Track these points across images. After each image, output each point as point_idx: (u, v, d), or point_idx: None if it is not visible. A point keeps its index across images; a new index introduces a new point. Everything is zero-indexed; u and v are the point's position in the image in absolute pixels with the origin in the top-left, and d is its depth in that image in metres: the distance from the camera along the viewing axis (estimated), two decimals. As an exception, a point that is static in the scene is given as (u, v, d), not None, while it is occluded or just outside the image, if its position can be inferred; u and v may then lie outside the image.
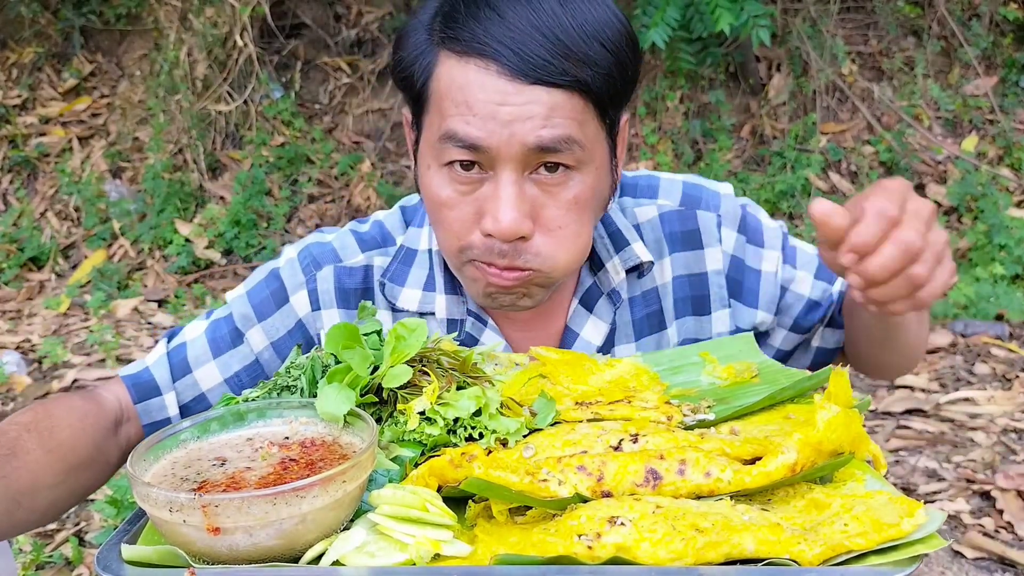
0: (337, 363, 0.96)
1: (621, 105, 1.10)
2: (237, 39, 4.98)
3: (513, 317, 1.23)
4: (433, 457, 0.86)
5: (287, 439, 0.89)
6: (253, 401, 0.97)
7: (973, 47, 5.04)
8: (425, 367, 0.98)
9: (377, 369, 0.96)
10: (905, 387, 3.37)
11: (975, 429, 3.06)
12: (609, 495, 0.82)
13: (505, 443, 0.92)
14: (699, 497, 0.82)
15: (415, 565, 0.76)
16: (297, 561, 0.78)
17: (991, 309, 3.86)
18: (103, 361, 3.76)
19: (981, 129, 4.97)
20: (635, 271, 1.25)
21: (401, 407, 0.94)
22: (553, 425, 0.97)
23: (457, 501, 0.84)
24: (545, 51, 1.01)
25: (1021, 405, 3.19)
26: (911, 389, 3.35)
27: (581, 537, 0.75)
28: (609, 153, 1.12)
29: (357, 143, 5.22)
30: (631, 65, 1.08)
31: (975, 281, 4.07)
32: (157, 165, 4.96)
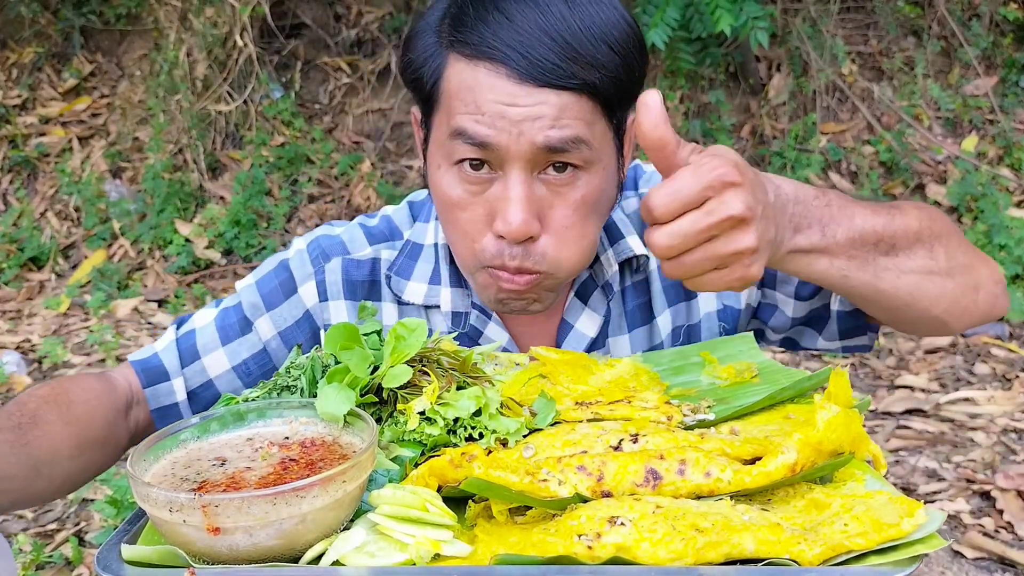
0: (337, 363, 0.96)
1: (628, 106, 1.11)
2: (237, 39, 4.98)
3: None
4: (433, 457, 0.86)
5: (287, 439, 0.89)
6: (253, 401, 0.97)
7: (973, 47, 5.04)
8: (425, 367, 0.98)
9: (377, 369, 0.96)
10: (905, 387, 3.37)
11: (975, 429, 3.06)
12: (609, 495, 0.82)
13: (505, 443, 0.92)
14: (699, 497, 0.82)
15: (415, 565, 0.76)
16: (297, 561, 0.78)
17: (991, 309, 3.85)
18: (103, 361, 3.76)
19: (981, 129, 4.97)
20: (629, 263, 1.27)
21: (401, 407, 0.94)
22: (553, 425, 0.97)
23: (457, 501, 0.84)
24: (554, 54, 1.02)
25: (1021, 405, 3.19)
26: (911, 389, 3.35)
27: (581, 537, 0.75)
28: (616, 153, 1.13)
29: (357, 143, 5.22)
30: (638, 66, 1.09)
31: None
32: (157, 165, 4.96)
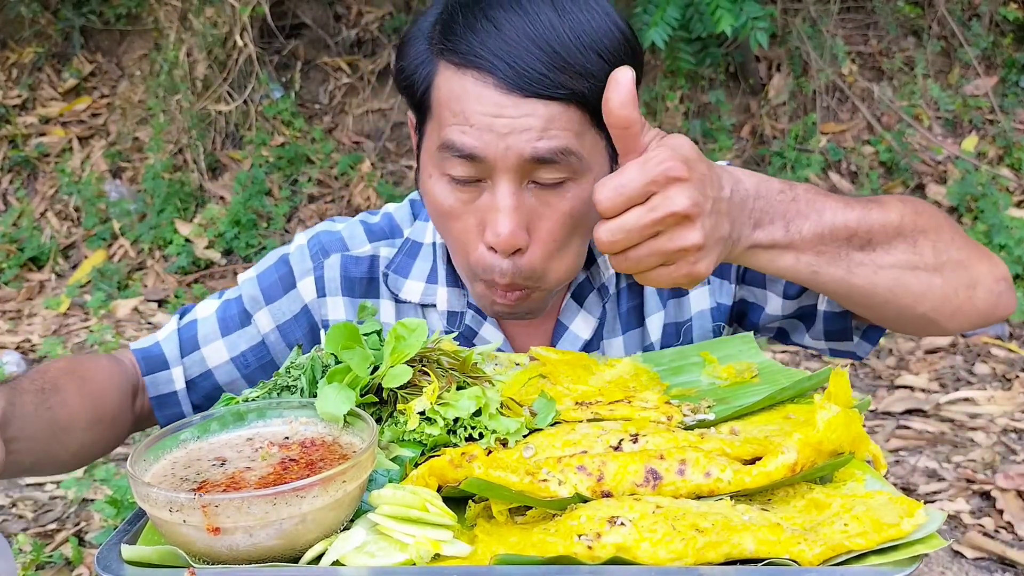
0: (337, 363, 0.96)
1: None
2: (237, 39, 4.98)
3: None
4: (433, 457, 0.86)
5: (287, 439, 0.89)
6: (253, 401, 0.97)
7: (973, 47, 5.04)
8: (425, 367, 0.98)
9: (377, 369, 0.96)
10: (905, 387, 3.37)
11: (975, 429, 3.06)
12: (609, 495, 0.82)
13: (505, 443, 0.92)
14: (699, 497, 0.82)
15: (415, 565, 0.76)
16: (297, 561, 0.78)
17: (991, 309, 3.85)
18: (103, 361, 3.76)
19: (981, 129, 4.97)
20: None
21: (401, 407, 0.94)
22: (553, 425, 0.97)
23: (457, 501, 0.84)
24: (541, 64, 1.00)
25: (1021, 405, 3.19)
26: (911, 389, 3.35)
27: (581, 537, 0.75)
28: (610, 161, 1.11)
29: (357, 143, 5.22)
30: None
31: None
32: (157, 165, 4.96)
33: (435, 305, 1.25)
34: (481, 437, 0.92)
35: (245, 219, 4.73)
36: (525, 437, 0.94)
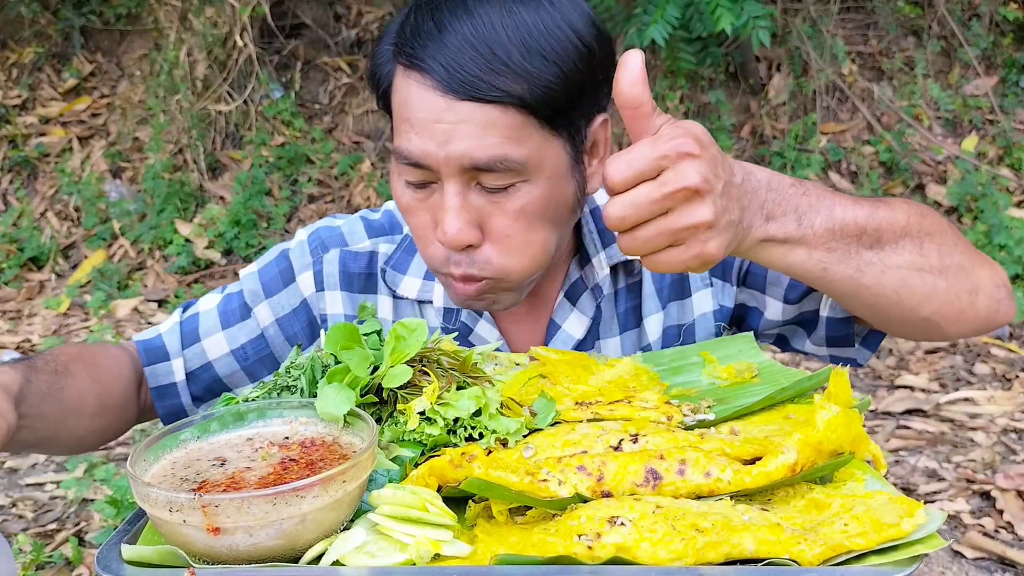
0: (337, 363, 0.96)
1: (577, 114, 1.08)
2: (237, 39, 4.98)
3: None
4: (433, 457, 0.86)
5: (287, 439, 0.89)
6: (253, 401, 0.97)
7: (973, 47, 5.04)
8: (425, 367, 0.98)
9: (377, 369, 0.96)
10: (905, 387, 3.37)
11: (975, 429, 3.06)
12: (609, 495, 0.82)
13: (505, 443, 0.92)
14: (699, 497, 0.82)
15: (415, 565, 0.76)
16: (297, 561, 0.78)
17: (991, 309, 3.85)
18: (103, 361, 3.76)
19: (981, 129, 4.97)
20: (624, 267, 1.26)
21: (401, 407, 0.94)
22: (553, 425, 0.97)
23: (457, 501, 0.84)
24: (475, 66, 1.00)
25: (1021, 405, 3.19)
26: (911, 389, 3.35)
27: (581, 537, 0.75)
28: (571, 159, 1.10)
29: (357, 143, 5.22)
30: (581, 74, 1.05)
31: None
32: (157, 165, 4.96)
33: (432, 301, 1.26)
34: (481, 437, 0.92)
35: (245, 219, 4.73)
36: (525, 437, 0.94)
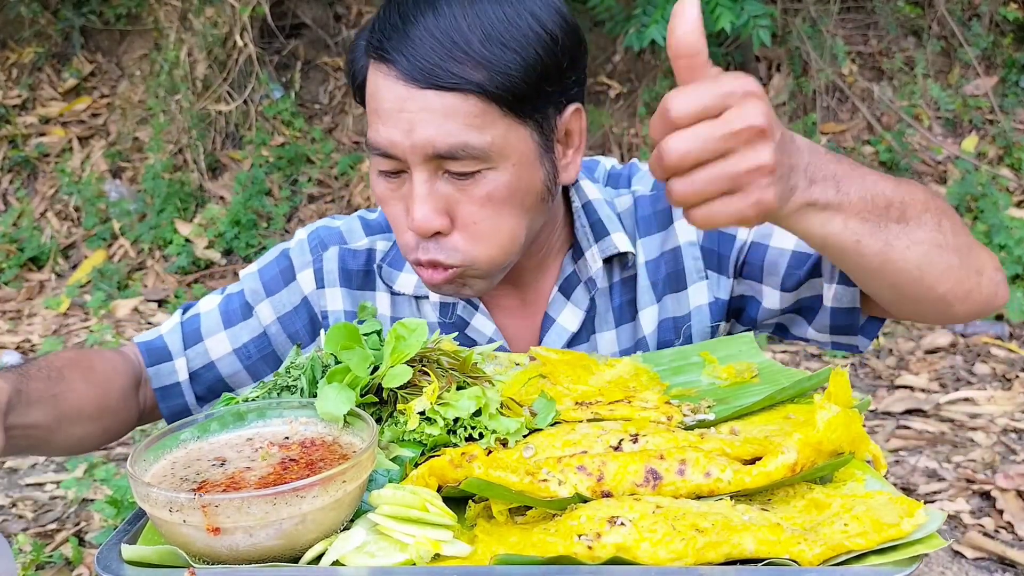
0: (337, 363, 0.96)
1: (543, 101, 1.10)
2: (237, 39, 4.98)
3: (501, 303, 1.28)
4: (433, 457, 0.86)
5: (287, 439, 0.89)
6: (253, 401, 0.97)
7: (973, 47, 5.04)
8: (425, 367, 0.98)
9: (377, 369, 0.96)
10: (905, 387, 3.37)
11: (975, 429, 3.06)
12: (609, 495, 0.82)
13: (505, 443, 0.92)
14: (699, 497, 0.82)
15: (415, 565, 0.76)
16: (297, 561, 0.78)
17: (991, 309, 3.85)
18: (103, 361, 3.76)
19: (981, 129, 4.97)
20: (616, 260, 1.27)
21: (401, 407, 0.94)
22: (553, 425, 0.97)
23: (457, 501, 0.84)
24: (436, 54, 1.03)
25: (1021, 405, 3.19)
26: (911, 389, 3.35)
27: (581, 537, 0.75)
28: (539, 147, 1.12)
29: (357, 143, 5.22)
30: (544, 62, 1.07)
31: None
32: (157, 165, 4.96)
33: (428, 296, 1.28)
34: (481, 437, 0.92)
35: (245, 219, 4.73)
36: (525, 437, 0.94)
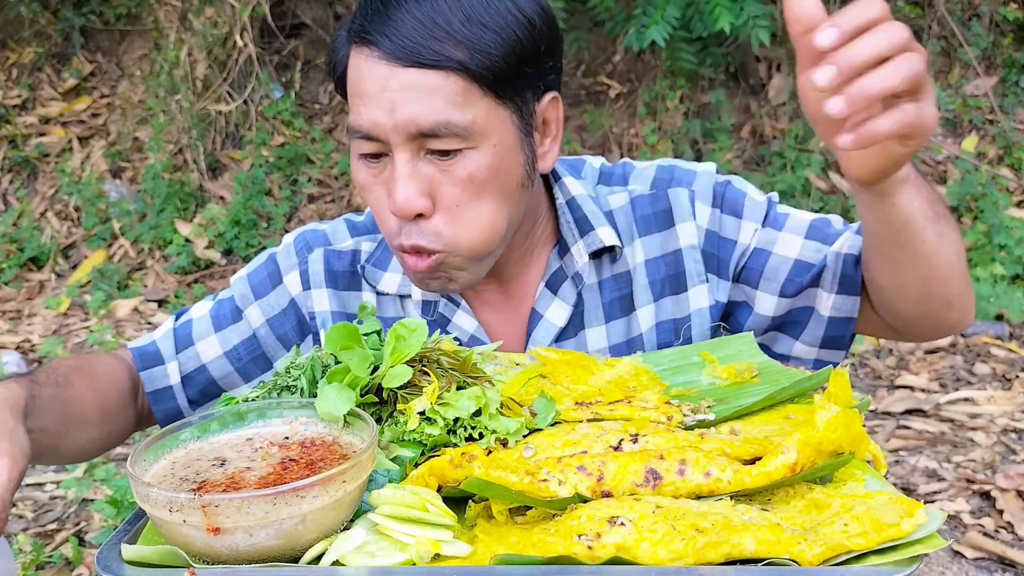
0: (337, 363, 0.96)
1: (522, 83, 1.12)
2: (237, 39, 4.98)
3: (484, 299, 1.29)
4: (433, 457, 0.86)
5: (287, 439, 0.89)
6: (253, 401, 0.97)
7: (973, 47, 5.04)
8: (425, 367, 0.98)
9: (377, 369, 0.96)
10: (905, 387, 3.37)
11: (975, 429, 3.06)
12: (609, 495, 0.82)
13: (505, 443, 0.92)
14: (699, 497, 0.82)
15: (415, 565, 0.76)
16: (297, 561, 0.78)
17: (991, 309, 3.86)
18: (103, 361, 3.76)
19: (981, 129, 4.97)
20: (606, 255, 1.27)
21: (401, 407, 0.94)
22: (553, 425, 0.97)
23: (457, 501, 0.84)
24: (418, 34, 1.06)
25: (1021, 405, 3.19)
26: (911, 389, 3.35)
27: (581, 537, 0.75)
28: (519, 131, 1.14)
29: (357, 143, 5.21)
30: (522, 44, 1.09)
31: (975, 281, 4.07)
32: (157, 165, 4.96)
33: (411, 295, 1.30)
34: (481, 437, 0.92)
35: (245, 219, 4.73)
36: (525, 437, 0.94)
